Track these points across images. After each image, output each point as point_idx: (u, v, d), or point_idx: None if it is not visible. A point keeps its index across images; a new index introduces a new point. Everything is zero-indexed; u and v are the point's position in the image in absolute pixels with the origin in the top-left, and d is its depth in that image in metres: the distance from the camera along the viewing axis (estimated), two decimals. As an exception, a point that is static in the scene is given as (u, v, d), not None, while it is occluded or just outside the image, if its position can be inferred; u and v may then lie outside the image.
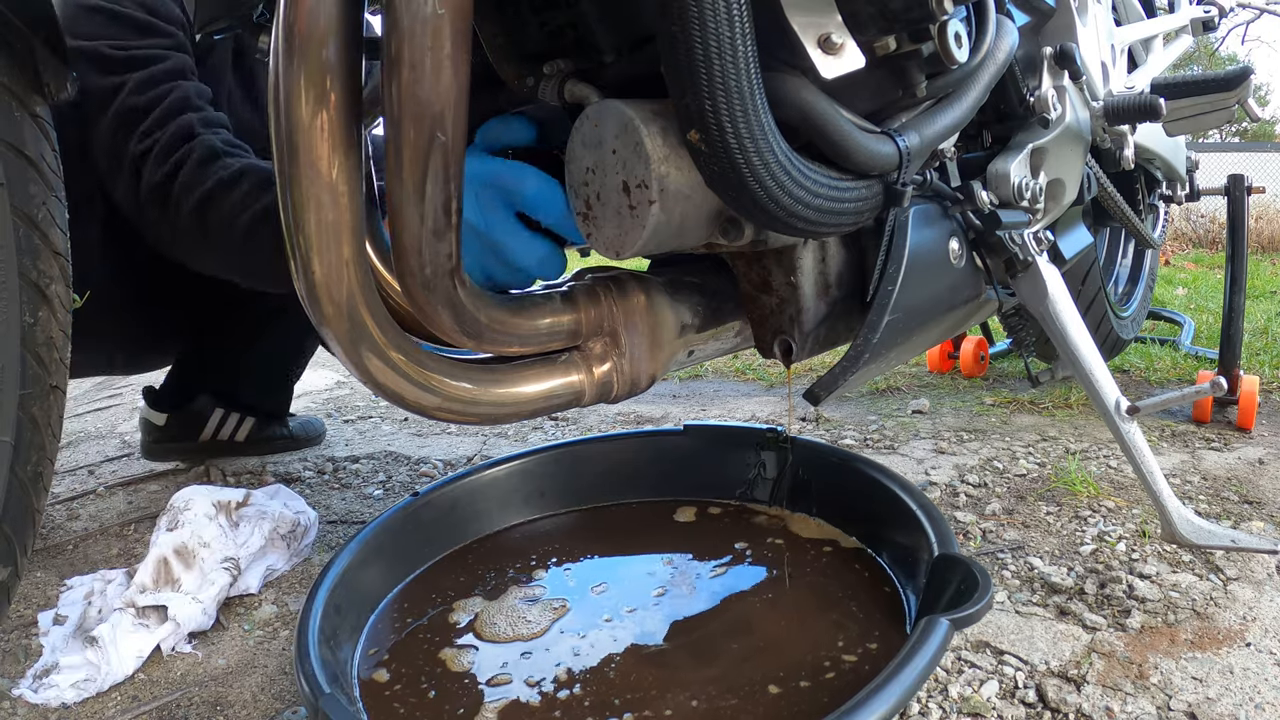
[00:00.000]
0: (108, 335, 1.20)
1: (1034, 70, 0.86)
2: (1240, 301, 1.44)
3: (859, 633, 0.73)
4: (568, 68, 0.60)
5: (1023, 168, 0.81)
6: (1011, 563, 0.95)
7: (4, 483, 0.61)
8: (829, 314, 0.71)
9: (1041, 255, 0.83)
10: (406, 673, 0.71)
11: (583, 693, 0.68)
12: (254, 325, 1.37)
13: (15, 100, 0.59)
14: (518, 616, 0.79)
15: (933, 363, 1.92)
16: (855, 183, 0.58)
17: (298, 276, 0.50)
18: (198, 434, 1.40)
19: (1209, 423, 1.44)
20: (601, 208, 0.57)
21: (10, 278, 0.59)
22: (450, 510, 0.93)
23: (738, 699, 0.66)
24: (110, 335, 1.21)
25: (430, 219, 0.50)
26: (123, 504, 1.29)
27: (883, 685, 0.53)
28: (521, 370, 0.63)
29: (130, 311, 1.21)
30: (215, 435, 1.42)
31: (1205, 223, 6.00)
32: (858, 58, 0.55)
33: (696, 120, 0.48)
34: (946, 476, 1.23)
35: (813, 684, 0.66)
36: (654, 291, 0.69)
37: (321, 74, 0.46)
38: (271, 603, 0.95)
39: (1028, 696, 0.71)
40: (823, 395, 0.67)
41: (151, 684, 0.80)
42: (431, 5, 0.45)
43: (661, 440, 1.04)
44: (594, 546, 0.92)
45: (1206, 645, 0.78)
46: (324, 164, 0.47)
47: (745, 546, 0.90)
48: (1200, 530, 0.83)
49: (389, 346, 0.54)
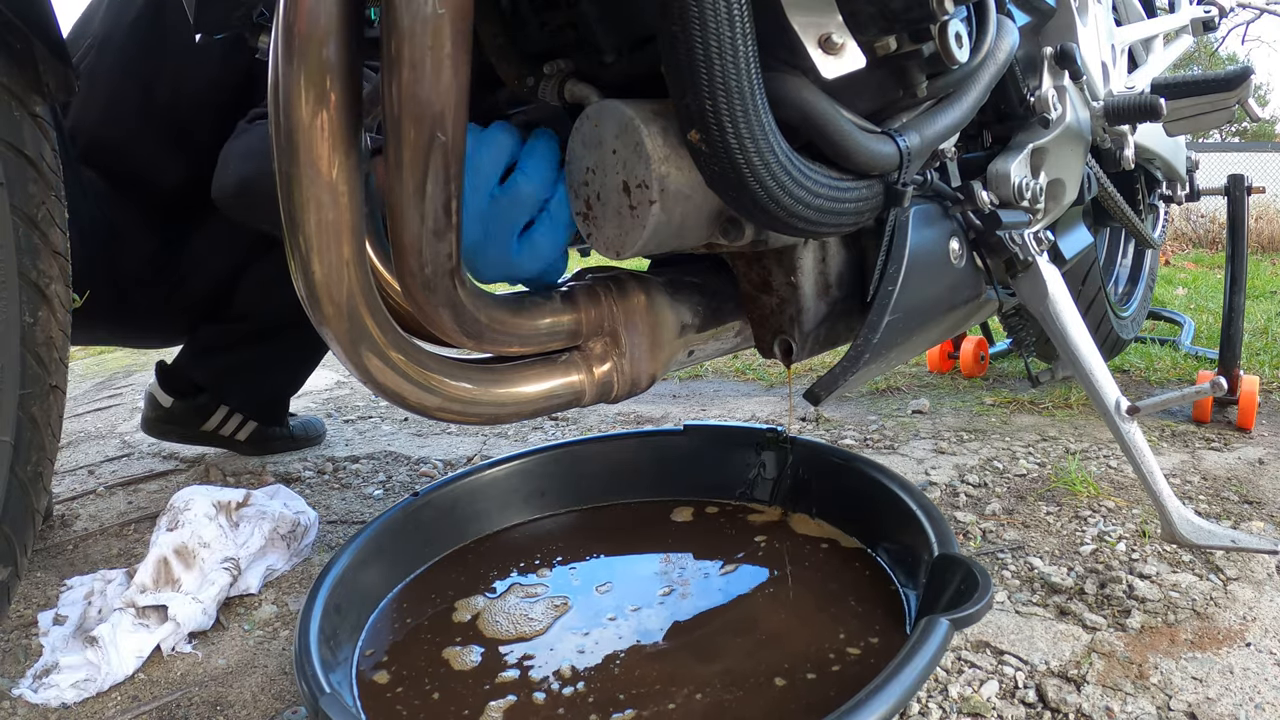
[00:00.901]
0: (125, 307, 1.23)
1: (1034, 70, 0.86)
2: (1240, 301, 1.44)
3: (859, 631, 0.73)
4: (568, 68, 0.60)
5: (1023, 168, 0.81)
6: (1011, 563, 0.95)
7: (4, 483, 0.61)
8: (829, 314, 0.71)
9: (1042, 255, 0.83)
10: (408, 673, 0.71)
11: (587, 689, 0.68)
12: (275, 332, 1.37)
13: (15, 100, 0.59)
14: (520, 615, 0.79)
15: (933, 363, 1.92)
16: (856, 183, 0.58)
17: (297, 276, 0.50)
18: (200, 424, 1.41)
19: (1209, 423, 1.44)
20: (602, 208, 0.57)
21: (10, 277, 0.59)
22: (450, 510, 0.93)
23: (743, 692, 0.66)
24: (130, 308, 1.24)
25: (430, 219, 0.50)
26: (122, 504, 1.29)
27: (883, 685, 0.53)
28: (522, 370, 0.63)
29: (152, 286, 1.24)
30: (217, 430, 1.43)
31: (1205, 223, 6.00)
32: (858, 58, 0.55)
33: (697, 120, 0.48)
34: (946, 476, 1.23)
35: (818, 677, 0.67)
36: (654, 291, 0.69)
37: (321, 74, 0.46)
38: (271, 603, 0.95)
39: (1028, 696, 0.71)
40: (823, 395, 0.67)
41: (151, 684, 0.80)
42: (431, 5, 0.45)
43: (661, 440, 1.04)
44: (595, 546, 0.92)
45: (1206, 645, 0.78)
46: (324, 164, 0.47)
47: (745, 546, 0.90)
48: (1200, 530, 0.83)
49: (389, 346, 0.54)
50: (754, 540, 0.91)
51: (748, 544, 0.90)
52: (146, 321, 1.32)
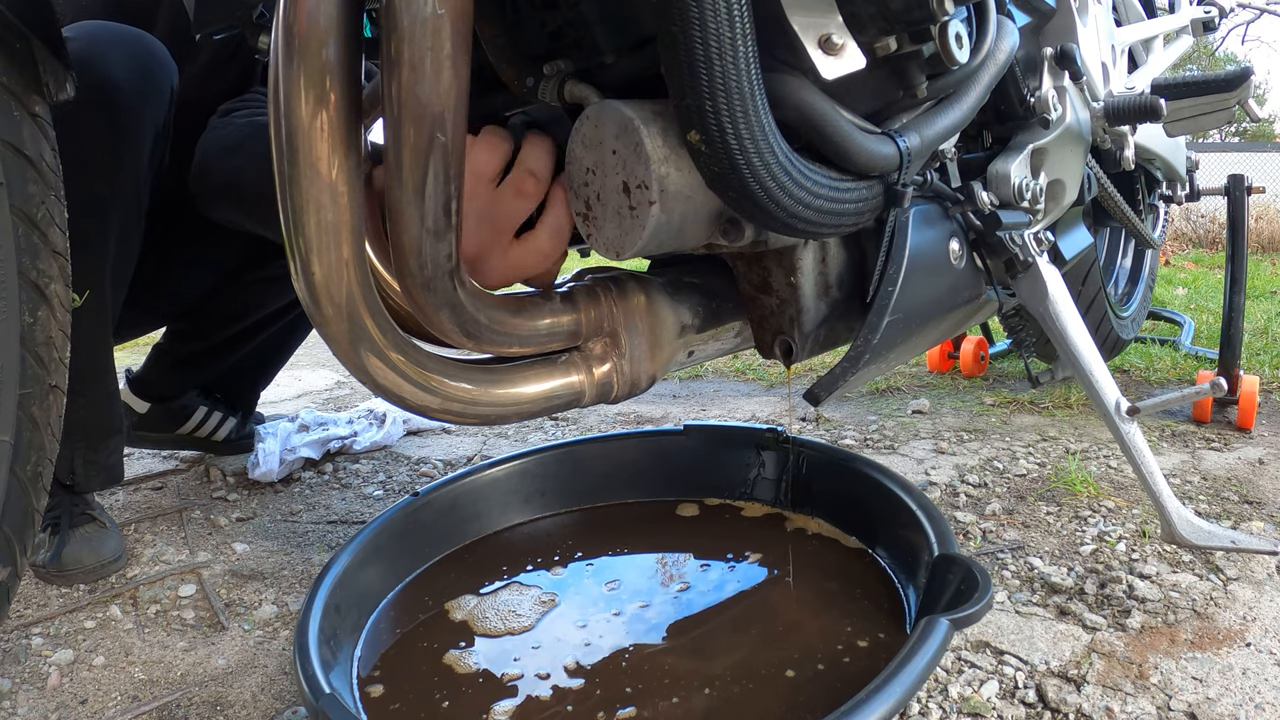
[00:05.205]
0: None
1: (1034, 71, 0.86)
2: (1240, 301, 1.44)
3: (860, 631, 0.73)
4: (568, 68, 0.60)
5: (1023, 168, 0.81)
6: (1011, 563, 0.95)
7: (4, 483, 0.61)
8: (829, 315, 0.71)
9: (1042, 256, 0.83)
10: (408, 674, 0.71)
11: (593, 684, 0.68)
12: (253, 327, 1.37)
13: (15, 100, 0.59)
14: (520, 614, 0.79)
15: (933, 363, 1.92)
16: (856, 183, 0.58)
17: (297, 277, 0.50)
18: (177, 428, 1.41)
19: (1209, 423, 1.44)
20: (601, 208, 0.57)
21: (10, 277, 0.59)
22: (450, 510, 0.93)
23: (753, 685, 0.66)
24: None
25: (430, 219, 0.50)
26: (123, 504, 1.29)
27: (882, 685, 0.53)
28: (521, 371, 0.62)
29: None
30: (194, 432, 1.42)
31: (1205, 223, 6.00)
32: (858, 58, 0.55)
33: (697, 121, 0.48)
34: (946, 476, 1.23)
35: (818, 676, 0.67)
36: (654, 292, 0.69)
37: (321, 74, 0.46)
38: (271, 603, 0.95)
39: (1028, 696, 0.71)
40: (823, 396, 0.67)
41: (151, 684, 0.80)
42: (431, 5, 0.45)
43: (662, 440, 1.04)
44: (596, 545, 0.92)
45: (1206, 645, 0.78)
46: (324, 164, 0.47)
47: (746, 546, 0.90)
48: (1200, 531, 0.83)
49: (389, 347, 0.54)
50: (754, 540, 0.91)
51: (748, 544, 0.90)
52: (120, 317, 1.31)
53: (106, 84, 0.88)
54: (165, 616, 0.94)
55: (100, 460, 1.02)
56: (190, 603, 0.97)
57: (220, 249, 1.26)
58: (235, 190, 1.05)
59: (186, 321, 1.35)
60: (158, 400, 1.39)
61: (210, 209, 1.11)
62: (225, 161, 1.06)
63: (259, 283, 1.31)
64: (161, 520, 1.21)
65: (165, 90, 0.95)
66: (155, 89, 0.93)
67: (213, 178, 1.07)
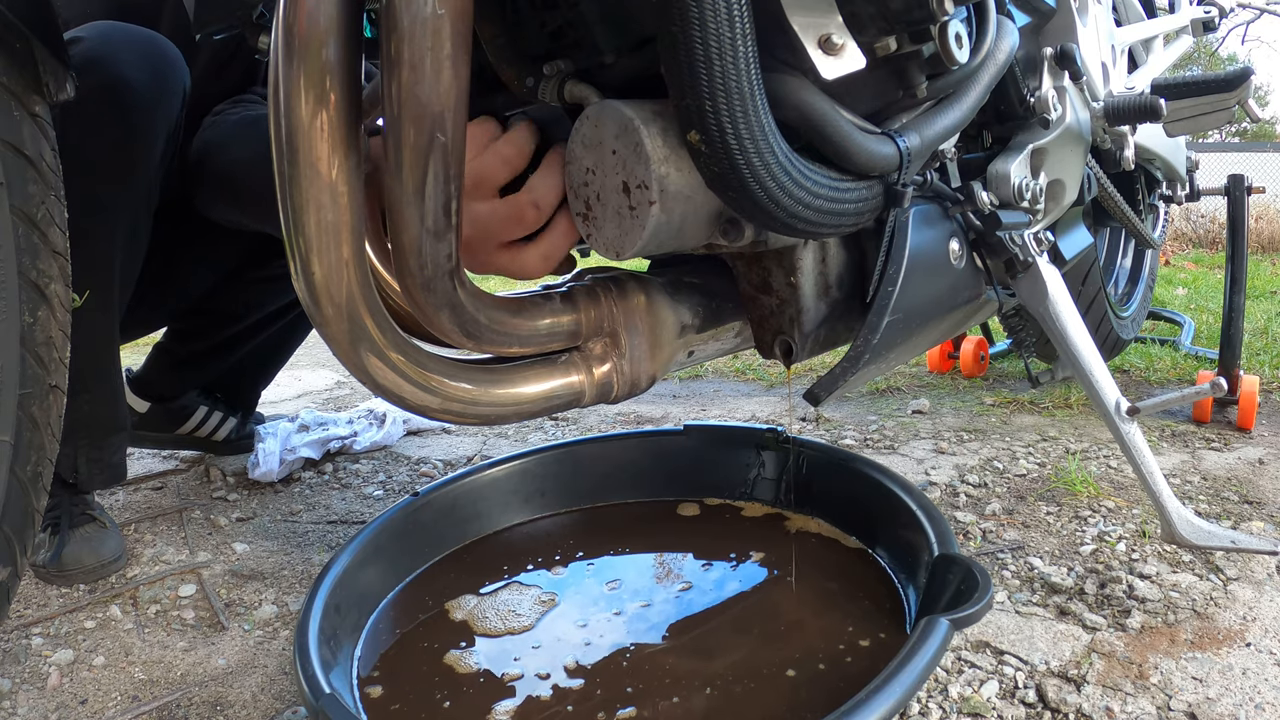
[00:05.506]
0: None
1: (1034, 71, 0.86)
2: (1240, 301, 1.44)
3: (860, 632, 0.73)
4: (568, 68, 0.60)
5: (1023, 168, 0.81)
6: (1011, 563, 0.95)
7: (4, 483, 0.61)
8: (829, 315, 0.71)
9: (1042, 256, 0.83)
10: (408, 674, 0.71)
11: (594, 684, 0.68)
12: (253, 327, 1.37)
13: (15, 100, 0.59)
14: (520, 613, 0.79)
15: (933, 363, 1.92)
16: (856, 183, 0.58)
17: (297, 277, 0.50)
18: (177, 427, 1.41)
19: (1209, 423, 1.44)
20: (601, 208, 0.57)
21: (10, 277, 0.59)
22: (450, 510, 0.93)
23: (754, 685, 0.67)
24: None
25: (430, 219, 0.50)
26: (123, 504, 1.29)
27: (882, 685, 0.53)
28: (521, 371, 0.62)
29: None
30: (194, 431, 1.42)
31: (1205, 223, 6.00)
32: (858, 58, 0.55)
33: (696, 121, 0.48)
34: (946, 476, 1.23)
35: (817, 675, 0.67)
36: (654, 292, 0.69)
37: (321, 74, 0.46)
38: (271, 603, 0.95)
39: (1028, 696, 0.71)
40: (823, 396, 0.67)
41: (151, 684, 0.80)
42: (431, 5, 0.45)
43: (662, 440, 1.04)
44: (596, 545, 0.92)
45: (1206, 645, 0.78)
46: (324, 164, 0.47)
47: (746, 546, 0.90)
48: (1200, 531, 0.83)
49: (389, 347, 0.54)
50: (754, 540, 0.91)
51: (748, 544, 0.90)
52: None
53: (120, 84, 0.88)
54: (165, 616, 0.94)
55: (104, 458, 1.02)
56: (190, 603, 0.97)
57: (220, 248, 1.26)
58: (229, 185, 1.06)
59: (187, 321, 1.35)
60: (158, 400, 1.38)
61: (208, 208, 1.11)
62: (218, 157, 1.06)
63: (259, 282, 1.31)
64: (161, 520, 1.21)
65: (178, 90, 0.95)
66: (168, 89, 0.93)
67: (207, 175, 1.07)
